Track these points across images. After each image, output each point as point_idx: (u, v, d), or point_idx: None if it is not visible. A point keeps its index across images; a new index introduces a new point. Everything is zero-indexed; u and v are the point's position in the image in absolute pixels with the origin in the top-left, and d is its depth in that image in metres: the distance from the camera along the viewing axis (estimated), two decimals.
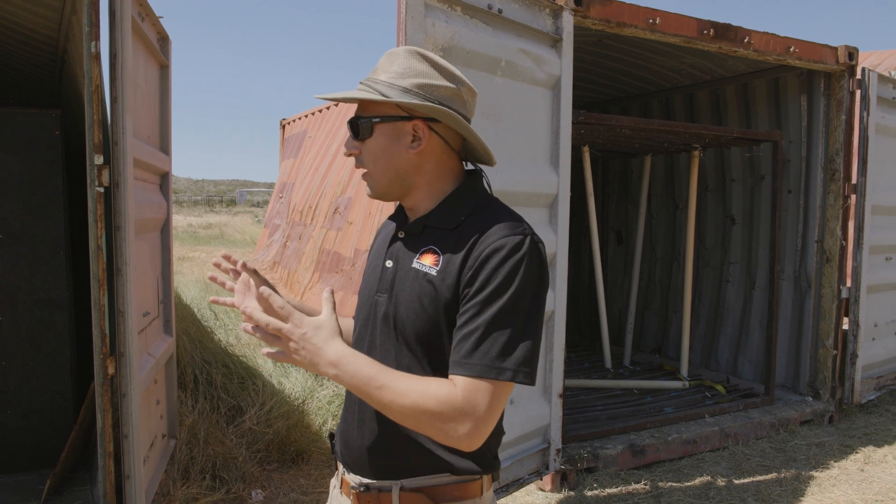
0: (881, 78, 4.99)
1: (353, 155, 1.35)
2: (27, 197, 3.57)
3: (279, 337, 1.20)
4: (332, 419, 4.49)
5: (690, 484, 3.84)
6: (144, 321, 3.09)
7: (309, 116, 8.94)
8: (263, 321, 1.20)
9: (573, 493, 3.67)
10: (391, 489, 1.30)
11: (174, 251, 4.02)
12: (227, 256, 1.44)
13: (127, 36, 2.69)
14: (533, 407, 3.50)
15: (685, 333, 5.50)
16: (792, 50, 4.48)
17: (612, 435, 4.15)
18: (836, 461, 4.20)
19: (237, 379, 4.83)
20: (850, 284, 4.98)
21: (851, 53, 4.73)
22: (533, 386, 1.23)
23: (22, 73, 4.96)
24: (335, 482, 1.46)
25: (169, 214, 3.69)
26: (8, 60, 4.64)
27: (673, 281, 6.28)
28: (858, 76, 4.83)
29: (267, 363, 5.45)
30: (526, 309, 1.20)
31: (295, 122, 9.76)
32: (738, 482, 3.87)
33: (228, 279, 1.45)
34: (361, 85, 1.32)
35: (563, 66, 3.48)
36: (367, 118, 1.30)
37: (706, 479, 3.91)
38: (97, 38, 2.57)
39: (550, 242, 3.48)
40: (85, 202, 2.68)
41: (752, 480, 3.90)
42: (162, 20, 3.41)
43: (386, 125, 1.29)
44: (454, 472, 1.30)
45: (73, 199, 3.87)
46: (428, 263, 1.27)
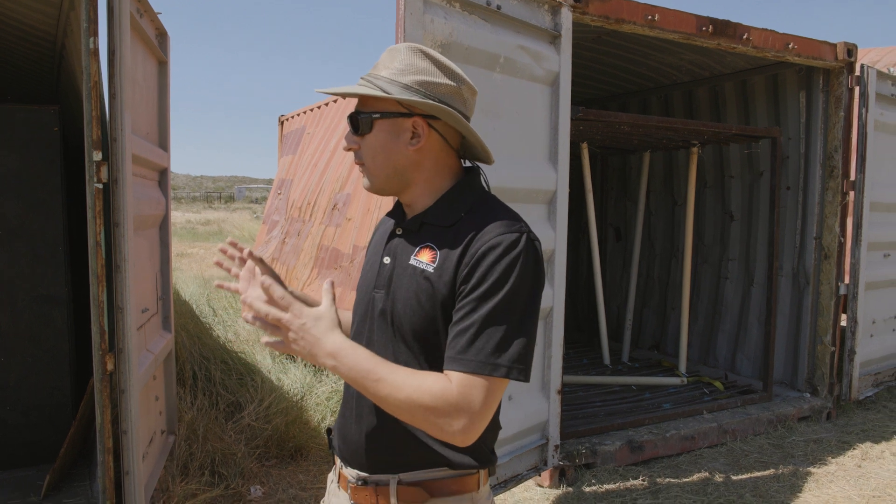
0: (880, 74, 4.99)
1: (352, 149, 1.35)
2: (26, 193, 3.56)
3: (279, 327, 1.20)
4: (330, 415, 4.49)
5: (688, 480, 3.85)
6: (143, 317, 3.10)
7: (307, 113, 8.92)
8: (263, 311, 1.20)
9: (571, 489, 3.68)
10: (389, 483, 1.31)
11: (173, 247, 4.01)
12: (233, 243, 1.44)
13: (125, 32, 2.69)
14: (531, 403, 3.50)
15: (683, 330, 5.51)
16: (791, 46, 4.48)
17: (610, 431, 4.16)
18: (833, 457, 4.21)
19: (236, 375, 4.83)
20: (848, 281, 4.99)
21: (850, 50, 4.73)
22: (527, 382, 1.23)
23: (20, 69, 4.95)
24: (332, 476, 1.47)
25: (167, 211, 3.68)
26: (6, 57, 4.63)
27: (671, 277, 6.29)
28: (857, 73, 4.83)
29: (266, 359, 5.45)
30: (521, 306, 1.20)
31: (293, 118, 9.73)
32: (735, 478, 3.88)
33: (234, 265, 1.44)
34: (362, 80, 1.32)
35: (561, 62, 3.48)
36: (367, 114, 1.30)
37: (704, 475, 3.92)
38: (95, 34, 2.57)
39: (549, 239, 3.48)
40: (84, 198, 2.68)
41: (749, 476, 3.92)
42: (160, 16, 3.40)
43: (386, 121, 1.29)
44: (451, 466, 1.30)
45: (71, 195, 3.87)
46: (425, 260, 1.28)
